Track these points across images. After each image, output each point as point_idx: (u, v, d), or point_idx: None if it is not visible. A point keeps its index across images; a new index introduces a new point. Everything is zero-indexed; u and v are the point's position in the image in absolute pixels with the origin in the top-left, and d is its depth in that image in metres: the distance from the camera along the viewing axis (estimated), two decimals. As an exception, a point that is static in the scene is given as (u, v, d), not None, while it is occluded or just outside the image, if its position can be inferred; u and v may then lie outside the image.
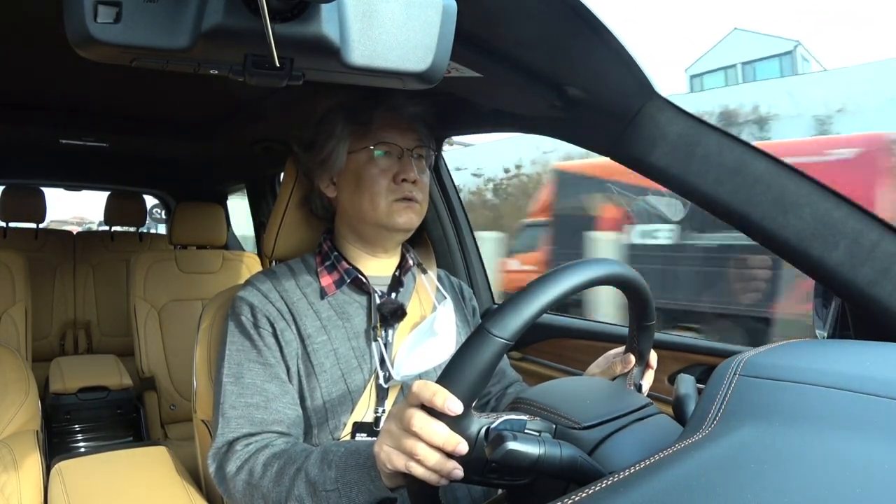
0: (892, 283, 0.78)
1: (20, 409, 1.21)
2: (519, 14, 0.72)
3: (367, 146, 0.98)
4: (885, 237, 0.78)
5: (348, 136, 1.00)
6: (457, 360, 0.59)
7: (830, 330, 0.90)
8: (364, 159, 0.99)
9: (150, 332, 2.40)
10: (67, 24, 0.43)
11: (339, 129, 1.00)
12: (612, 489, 0.41)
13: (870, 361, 0.52)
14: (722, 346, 1.16)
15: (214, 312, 1.13)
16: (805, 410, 0.46)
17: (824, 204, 0.81)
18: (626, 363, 0.84)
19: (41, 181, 2.92)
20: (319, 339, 0.95)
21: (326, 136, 1.00)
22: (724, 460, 0.42)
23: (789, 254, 0.84)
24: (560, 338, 1.45)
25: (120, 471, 1.13)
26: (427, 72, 0.52)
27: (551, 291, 0.61)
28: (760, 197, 0.84)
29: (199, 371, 1.11)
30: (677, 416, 0.68)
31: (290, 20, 0.46)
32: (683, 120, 0.89)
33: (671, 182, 0.91)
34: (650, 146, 0.91)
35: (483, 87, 0.93)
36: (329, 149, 1.00)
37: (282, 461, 0.83)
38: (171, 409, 2.36)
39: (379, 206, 0.97)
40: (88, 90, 1.64)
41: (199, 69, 0.50)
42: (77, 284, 2.95)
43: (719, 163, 0.86)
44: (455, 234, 1.57)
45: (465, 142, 12.22)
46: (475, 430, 0.61)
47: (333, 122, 1.00)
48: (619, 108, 0.92)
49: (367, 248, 1.04)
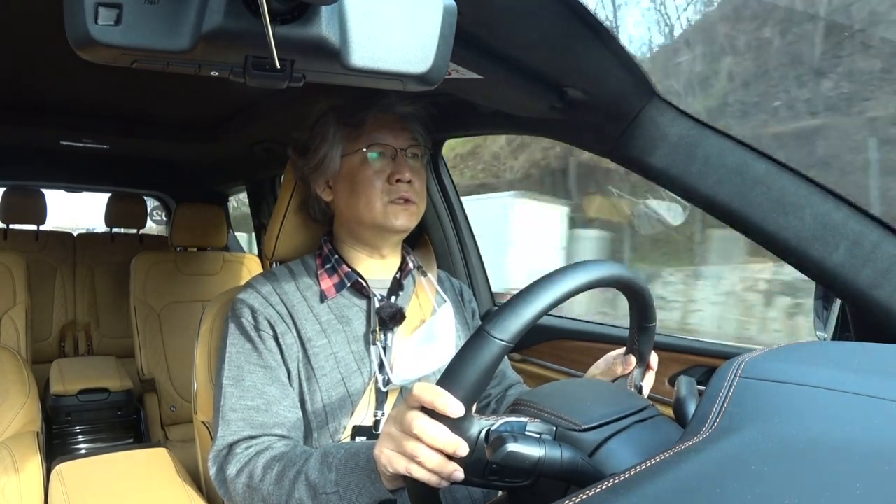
0: (893, 284, 0.78)
1: (20, 410, 1.22)
2: (519, 16, 0.72)
3: (360, 148, 0.98)
4: (886, 239, 0.78)
5: (341, 139, 1.00)
6: (457, 362, 0.59)
7: (831, 332, 0.90)
8: (358, 162, 0.98)
9: (151, 333, 2.40)
10: (68, 25, 0.43)
11: (332, 132, 1.00)
12: (613, 491, 0.41)
13: (871, 363, 0.52)
14: (723, 347, 1.16)
15: (215, 314, 1.13)
16: (806, 412, 0.45)
17: (825, 205, 0.81)
18: (627, 365, 0.84)
19: (42, 183, 2.92)
20: (319, 342, 0.95)
21: (320, 140, 1.00)
22: (725, 462, 0.42)
23: (790, 255, 0.84)
24: (560, 339, 1.45)
25: (120, 472, 1.13)
26: (427, 73, 0.52)
27: (551, 294, 0.61)
28: (761, 198, 0.84)
29: (200, 373, 1.11)
30: (678, 418, 0.67)
31: (291, 22, 0.46)
32: (684, 121, 0.89)
33: (671, 184, 0.91)
34: (650, 147, 0.91)
35: (483, 88, 0.93)
36: (323, 153, 1.00)
37: (282, 464, 0.83)
38: (172, 410, 2.36)
39: (375, 208, 0.97)
40: (89, 92, 1.65)
41: (200, 71, 0.49)
42: (77, 286, 2.95)
43: (720, 164, 0.86)
44: (455, 235, 1.57)
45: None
46: (475, 432, 0.61)
47: (326, 126, 1.00)
48: (620, 110, 0.92)
49: (366, 250, 1.04)
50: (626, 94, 0.89)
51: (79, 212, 7.53)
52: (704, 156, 0.87)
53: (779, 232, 0.83)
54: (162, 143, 2.21)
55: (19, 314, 2.36)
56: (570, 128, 1.04)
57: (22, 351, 2.31)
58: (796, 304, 4.29)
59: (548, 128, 1.09)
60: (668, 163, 0.90)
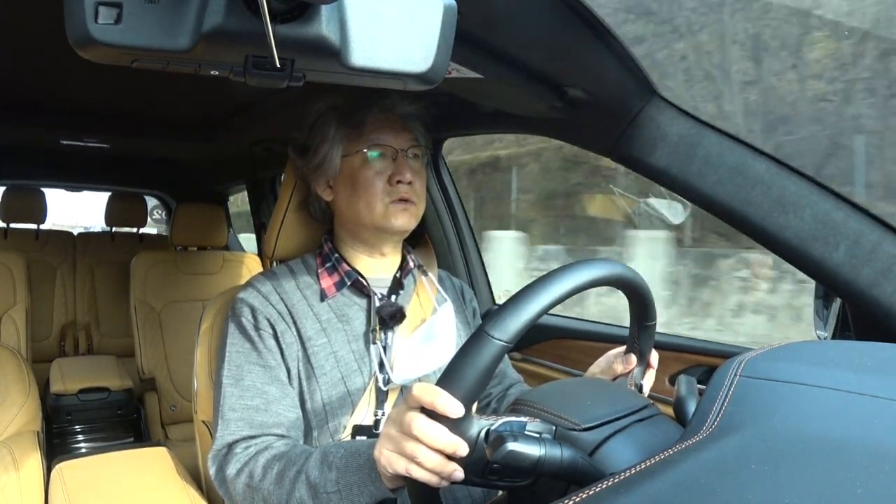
0: (893, 283, 0.78)
1: (21, 409, 1.22)
2: (519, 15, 0.72)
3: (360, 149, 0.98)
4: (886, 238, 0.78)
5: (342, 139, 0.99)
6: (456, 362, 0.59)
7: (831, 331, 0.90)
8: (358, 162, 0.98)
9: (151, 333, 2.40)
10: (68, 25, 0.43)
11: (333, 132, 0.99)
12: (613, 490, 0.41)
13: (871, 362, 0.52)
14: (723, 346, 1.16)
15: (215, 313, 1.13)
16: (805, 412, 0.45)
17: (825, 205, 0.81)
18: (627, 364, 0.84)
19: (42, 182, 2.92)
20: (319, 341, 0.95)
21: (320, 140, 1.00)
22: (725, 461, 0.42)
23: (790, 255, 0.84)
24: (561, 338, 1.45)
25: (120, 471, 1.13)
26: (428, 73, 0.52)
27: (551, 293, 0.61)
28: (761, 198, 0.84)
29: (200, 372, 1.11)
30: (678, 417, 0.68)
31: (291, 21, 0.46)
32: (684, 120, 0.89)
33: (671, 183, 0.91)
34: (650, 147, 0.91)
35: (484, 87, 0.93)
36: (323, 153, 1.00)
37: (282, 463, 0.83)
38: (172, 409, 2.36)
39: (375, 209, 0.97)
40: (89, 91, 1.65)
41: (200, 70, 0.49)
42: (77, 285, 2.96)
43: (720, 163, 0.86)
44: (455, 234, 1.57)
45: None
46: (475, 432, 0.61)
47: (327, 126, 1.00)
48: (620, 109, 0.92)
49: (367, 250, 1.04)
50: (626, 93, 0.89)
51: (77, 211, 7.52)
52: (704, 155, 0.87)
53: (779, 231, 0.83)
54: (162, 142, 2.22)
55: (19, 313, 2.37)
56: (571, 127, 1.04)
57: (22, 350, 2.32)
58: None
59: (548, 127, 1.09)
60: (669, 162, 0.90)
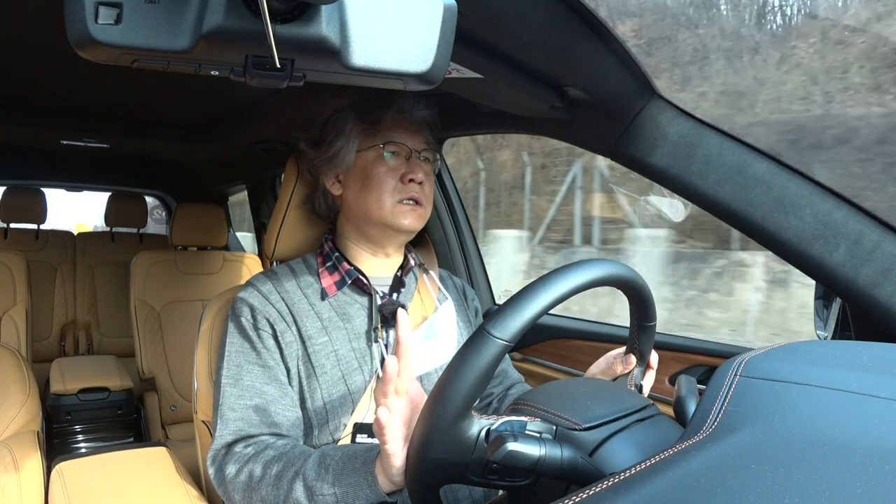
0: (893, 283, 0.78)
1: (21, 409, 1.22)
2: (520, 15, 0.72)
3: (376, 144, 0.99)
4: (886, 238, 0.78)
5: (358, 134, 1.01)
6: (457, 361, 0.59)
7: (831, 331, 0.90)
8: (373, 157, 0.99)
9: (151, 333, 2.40)
10: (68, 25, 0.43)
11: (350, 126, 1.01)
12: (613, 490, 0.41)
13: (871, 362, 0.52)
14: (723, 346, 1.16)
15: (215, 313, 1.13)
16: (806, 412, 0.45)
17: (825, 205, 0.81)
18: (627, 364, 0.84)
19: (42, 182, 2.92)
20: (320, 340, 0.95)
21: (336, 133, 1.02)
22: (725, 461, 0.42)
23: (790, 255, 0.84)
24: (561, 338, 1.45)
25: (121, 471, 1.13)
26: (428, 73, 0.52)
27: (552, 293, 0.61)
28: (761, 198, 0.84)
29: (200, 372, 1.11)
30: (678, 417, 0.68)
31: (291, 21, 0.46)
32: (684, 120, 0.89)
33: (672, 183, 0.91)
34: (651, 147, 0.91)
35: (484, 87, 0.93)
36: (338, 146, 1.01)
37: (280, 464, 0.83)
38: (172, 409, 2.36)
39: (384, 205, 0.98)
40: (89, 91, 1.65)
41: (200, 70, 0.50)
42: (77, 285, 2.96)
43: (720, 163, 0.86)
44: (456, 234, 1.57)
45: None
46: (476, 432, 0.61)
47: (344, 120, 1.02)
48: (620, 109, 0.92)
49: (370, 247, 1.04)
50: (626, 93, 0.89)
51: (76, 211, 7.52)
52: (705, 155, 0.87)
53: (779, 231, 0.83)
54: (162, 142, 2.22)
55: (19, 313, 2.37)
56: (571, 127, 1.04)
57: (22, 350, 2.31)
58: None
59: (548, 127, 1.09)
60: (669, 162, 0.90)
